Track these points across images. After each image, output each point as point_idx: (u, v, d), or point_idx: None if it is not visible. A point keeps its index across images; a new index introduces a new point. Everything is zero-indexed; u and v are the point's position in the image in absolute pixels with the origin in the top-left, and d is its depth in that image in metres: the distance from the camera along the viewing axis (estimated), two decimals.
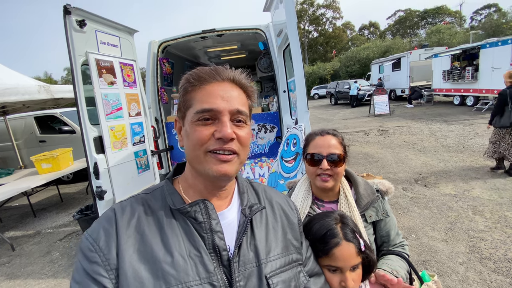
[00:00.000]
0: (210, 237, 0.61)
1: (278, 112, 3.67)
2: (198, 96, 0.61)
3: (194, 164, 0.63)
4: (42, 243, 3.77)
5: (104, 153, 2.76)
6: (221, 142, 0.59)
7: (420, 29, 44.71)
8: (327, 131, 1.14)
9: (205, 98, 0.60)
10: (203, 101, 0.60)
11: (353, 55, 33.66)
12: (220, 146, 0.59)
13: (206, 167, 0.60)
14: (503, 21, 24.16)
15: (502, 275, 2.28)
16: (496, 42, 9.75)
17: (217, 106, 0.59)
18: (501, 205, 3.43)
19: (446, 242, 2.82)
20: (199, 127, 0.60)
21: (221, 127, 0.59)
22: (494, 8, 38.57)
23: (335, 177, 1.08)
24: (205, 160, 0.60)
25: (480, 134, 6.88)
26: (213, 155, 0.59)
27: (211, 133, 0.59)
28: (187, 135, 0.62)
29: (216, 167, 0.59)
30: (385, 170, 5.21)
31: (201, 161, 0.60)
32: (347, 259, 0.82)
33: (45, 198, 5.76)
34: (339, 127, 10.76)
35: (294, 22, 2.18)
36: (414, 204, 3.70)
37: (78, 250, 0.59)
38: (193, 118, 0.60)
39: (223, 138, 0.58)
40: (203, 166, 0.60)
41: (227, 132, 0.58)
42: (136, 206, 0.64)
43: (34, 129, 6.42)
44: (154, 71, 3.85)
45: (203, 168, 0.61)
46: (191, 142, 0.61)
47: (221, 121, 0.60)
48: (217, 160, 0.60)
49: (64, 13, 2.34)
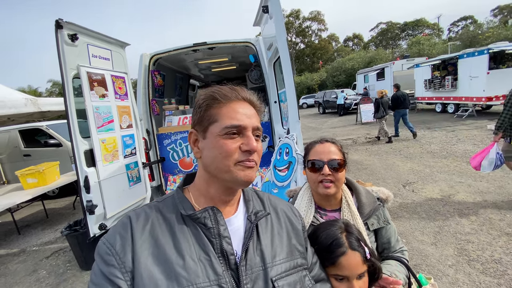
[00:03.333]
0: (219, 241, 0.65)
1: (269, 122, 3.73)
2: (223, 112, 0.68)
3: (219, 172, 0.67)
4: (27, 261, 3.62)
5: (95, 166, 2.73)
6: (248, 154, 0.66)
7: (401, 40, 46.66)
8: (326, 139, 1.17)
9: (231, 114, 0.67)
10: (230, 117, 0.67)
11: (339, 66, 34.68)
12: (247, 158, 0.66)
13: (234, 174, 0.66)
14: (479, 32, 25.48)
15: (490, 276, 2.36)
16: (473, 53, 10.28)
17: (244, 122, 0.67)
18: (485, 208, 3.56)
19: (435, 245, 2.90)
20: (227, 140, 0.66)
21: (248, 141, 0.67)
22: (470, 20, 40.91)
23: (337, 184, 1.09)
24: (234, 169, 0.66)
25: (462, 140, 7.17)
26: (241, 163, 0.66)
27: (237, 146, 0.66)
28: (211, 147, 0.68)
29: (244, 173, 0.66)
30: (374, 176, 5.33)
31: (228, 170, 0.66)
32: (354, 267, 0.84)
33: (30, 214, 5.54)
34: (328, 135, 10.94)
35: (284, 37, 2.26)
36: (403, 209, 3.79)
37: (96, 254, 0.64)
38: (220, 132, 0.66)
39: (250, 150, 0.66)
40: (231, 174, 0.66)
41: (253, 145, 0.66)
42: (149, 213, 0.69)
43: (18, 143, 6.22)
44: (145, 83, 3.86)
45: (230, 176, 0.66)
46: (220, 154, 0.66)
47: (246, 136, 0.67)
48: (244, 167, 0.66)
49: (56, 28, 2.36)
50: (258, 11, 2.64)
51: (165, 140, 3.91)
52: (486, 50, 9.59)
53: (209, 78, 6.82)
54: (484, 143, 6.55)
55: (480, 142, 6.70)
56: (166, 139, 3.91)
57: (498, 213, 3.38)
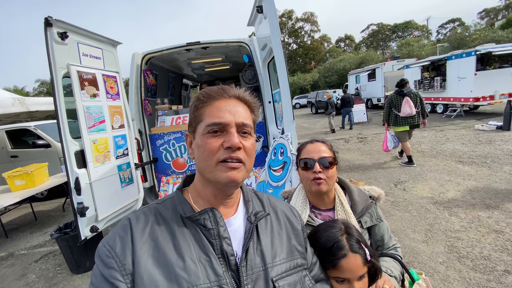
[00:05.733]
0: (219, 243, 0.65)
1: (264, 122, 3.73)
2: (207, 111, 0.68)
3: (205, 173, 0.67)
4: (16, 265, 3.52)
5: (86, 167, 2.67)
6: (230, 151, 0.64)
7: (392, 42, 47.47)
8: (316, 139, 1.23)
9: (214, 113, 0.67)
10: (212, 116, 0.66)
11: (331, 66, 34.99)
12: (229, 155, 0.64)
13: (216, 175, 0.65)
14: (466, 34, 26.05)
15: (480, 272, 2.42)
16: (461, 54, 10.53)
17: (225, 119, 0.65)
18: (473, 205, 3.65)
19: (427, 243, 2.95)
20: (209, 139, 0.65)
21: (229, 137, 0.65)
22: (458, 22, 41.90)
23: (328, 181, 1.12)
24: (216, 169, 0.65)
25: (451, 139, 7.33)
26: (223, 163, 0.64)
27: (220, 144, 0.65)
28: (198, 147, 0.68)
29: (226, 174, 0.64)
30: (366, 176, 5.40)
31: (212, 170, 0.65)
32: (354, 270, 0.84)
33: (17, 217, 5.39)
34: (321, 135, 11.04)
35: (278, 37, 2.27)
36: (395, 208, 3.85)
37: (96, 257, 0.63)
38: (203, 131, 0.66)
39: (231, 147, 0.64)
40: (214, 174, 0.65)
41: (234, 141, 0.64)
42: (149, 215, 0.68)
43: (5, 144, 6.05)
44: (137, 83, 3.81)
45: (213, 176, 0.65)
46: (203, 153, 0.66)
47: (229, 132, 0.66)
48: (226, 168, 0.64)
49: (45, 25, 2.30)
50: (253, 11, 2.63)
51: (158, 141, 3.87)
52: (473, 52, 9.82)
53: (202, 77, 6.78)
54: (472, 142, 6.71)
55: (468, 142, 6.86)
56: (159, 139, 3.86)
57: (486, 211, 3.47)
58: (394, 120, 5.58)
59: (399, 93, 5.53)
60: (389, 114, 5.65)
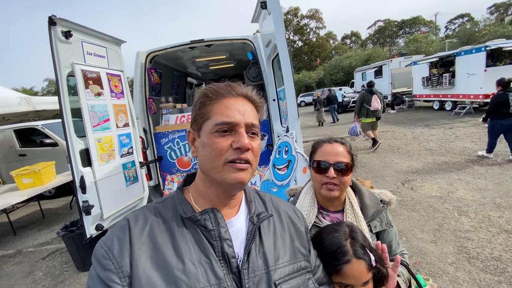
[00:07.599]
0: (220, 244, 0.63)
1: (268, 120, 3.70)
2: (215, 109, 0.65)
3: (211, 173, 0.64)
4: (23, 262, 3.57)
5: (91, 166, 2.68)
6: (239, 152, 0.62)
7: (399, 38, 46.70)
8: (335, 139, 1.12)
9: (223, 111, 0.64)
10: (222, 114, 0.64)
11: (336, 64, 34.60)
12: (238, 156, 0.62)
13: (224, 176, 0.63)
14: (476, 30, 25.51)
15: (490, 274, 2.35)
16: (470, 50, 10.30)
17: (235, 119, 0.63)
18: (484, 205, 3.56)
19: (435, 243, 2.89)
20: (217, 138, 0.63)
21: (239, 137, 0.63)
22: (467, 17, 40.97)
23: (341, 187, 1.04)
24: (224, 170, 0.63)
25: (460, 137, 7.18)
26: (231, 164, 0.62)
27: (229, 144, 0.63)
28: (204, 145, 0.65)
29: (234, 175, 0.62)
30: (373, 174, 5.33)
31: (219, 170, 0.63)
32: (358, 276, 0.81)
33: (26, 215, 5.48)
34: (327, 133, 10.94)
35: (283, 33, 2.22)
36: (403, 207, 3.78)
37: (93, 258, 0.61)
38: (211, 130, 0.64)
39: (241, 148, 0.62)
40: (221, 175, 0.63)
41: (245, 142, 0.62)
42: (148, 215, 0.66)
43: (13, 143, 6.14)
44: (142, 81, 3.81)
45: (221, 176, 0.63)
46: (210, 153, 0.63)
47: (238, 132, 0.63)
48: (234, 169, 0.62)
49: (49, 24, 2.30)
50: (256, 7, 2.60)
51: (162, 139, 3.87)
52: (483, 48, 9.61)
53: (206, 76, 6.76)
54: (482, 140, 6.56)
55: (478, 139, 6.72)
56: (163, 138, 3.86)
57: (496, 210, 3.38)
58: (365, 113, 6.95)
59: (369, 91, 6.95)
60: (360, 108, 7.02)
